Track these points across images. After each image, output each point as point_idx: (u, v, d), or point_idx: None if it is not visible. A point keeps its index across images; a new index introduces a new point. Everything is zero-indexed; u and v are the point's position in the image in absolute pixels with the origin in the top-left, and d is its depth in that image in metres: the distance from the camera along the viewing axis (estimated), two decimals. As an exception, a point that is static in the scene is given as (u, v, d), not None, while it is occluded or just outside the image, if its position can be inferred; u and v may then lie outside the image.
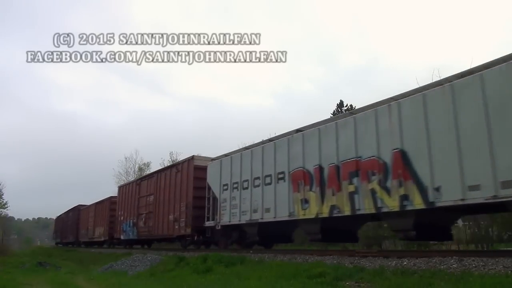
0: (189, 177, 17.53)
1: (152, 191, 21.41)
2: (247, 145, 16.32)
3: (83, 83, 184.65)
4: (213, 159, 16.87)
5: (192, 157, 17.80)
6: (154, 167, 40.99)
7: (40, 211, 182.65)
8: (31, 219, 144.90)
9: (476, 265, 6.95)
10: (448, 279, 6.47)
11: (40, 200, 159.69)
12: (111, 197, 30.55)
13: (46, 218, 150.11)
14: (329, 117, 14.77)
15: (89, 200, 37.63)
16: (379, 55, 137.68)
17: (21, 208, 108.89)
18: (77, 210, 38.68)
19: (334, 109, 33.60)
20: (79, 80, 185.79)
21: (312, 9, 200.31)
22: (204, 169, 16.88)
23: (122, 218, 25.68)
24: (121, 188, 27.74)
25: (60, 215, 47.48)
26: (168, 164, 39.42)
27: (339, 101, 33.70)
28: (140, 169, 47.51)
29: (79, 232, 37.23)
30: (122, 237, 25.56)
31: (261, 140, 14.89)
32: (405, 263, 8.00)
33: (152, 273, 13.53)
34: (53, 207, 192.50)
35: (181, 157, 41.78)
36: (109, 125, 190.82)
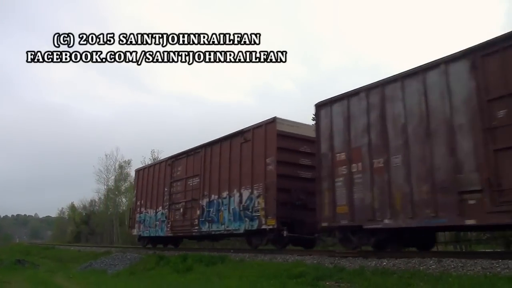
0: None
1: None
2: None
3: (64, 77, 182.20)
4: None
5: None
6: (135, 165, 40.15)
7: (19, 207, 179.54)
8: (9, 216, 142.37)
9: (454, 266, 7.01)
10: (427, 279, 6.54)
11: (19, 197, 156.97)
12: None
13: (25, 215, 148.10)
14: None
15: (72, 197, 35.51)
16: (361, 55, 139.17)
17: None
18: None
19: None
20: (61, 74, 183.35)
21: (294, 8, 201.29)
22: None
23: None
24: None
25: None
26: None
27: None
28: (121, 166, 47.44)
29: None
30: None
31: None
32: (385, 263, 8.05)
33: (132, 272, 13.41)
34: (32, 204, 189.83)
35: (162, 156, 32.13)
36: (92, 122, 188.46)
